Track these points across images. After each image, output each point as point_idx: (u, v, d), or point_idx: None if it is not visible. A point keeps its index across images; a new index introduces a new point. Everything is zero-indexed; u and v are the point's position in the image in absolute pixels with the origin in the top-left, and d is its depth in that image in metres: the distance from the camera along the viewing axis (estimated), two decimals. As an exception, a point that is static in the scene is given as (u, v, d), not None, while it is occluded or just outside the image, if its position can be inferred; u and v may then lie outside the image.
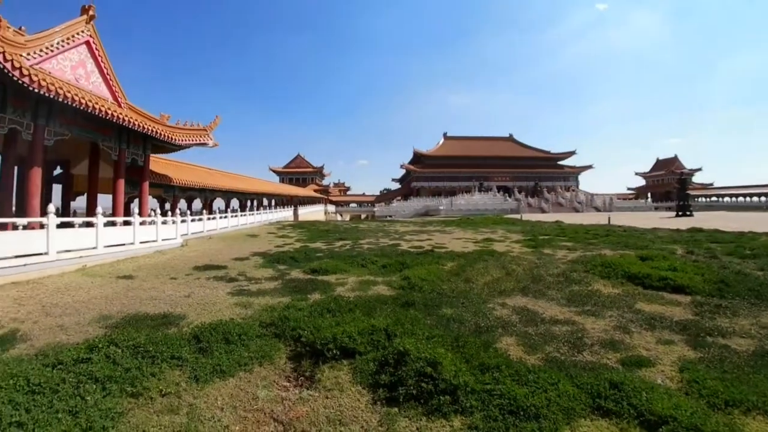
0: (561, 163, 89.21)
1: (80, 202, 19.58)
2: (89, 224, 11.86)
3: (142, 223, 14.09)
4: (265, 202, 43.02)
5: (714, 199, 75.68)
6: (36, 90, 9.78)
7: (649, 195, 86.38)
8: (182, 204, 25.90)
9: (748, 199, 69.72)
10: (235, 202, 33.79)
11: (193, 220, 19.70)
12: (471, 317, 6.03)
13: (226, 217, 24.62)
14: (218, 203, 31.73)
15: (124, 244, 12.87)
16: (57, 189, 19.40)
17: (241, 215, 27.49)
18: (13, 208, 13.02)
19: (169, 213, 17.53)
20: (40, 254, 9.53)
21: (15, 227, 9.62)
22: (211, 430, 3.24)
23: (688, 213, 41.83)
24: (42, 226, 9.95)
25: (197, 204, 28.59)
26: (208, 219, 21.81)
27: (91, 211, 14.85)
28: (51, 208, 10.07)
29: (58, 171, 19.25)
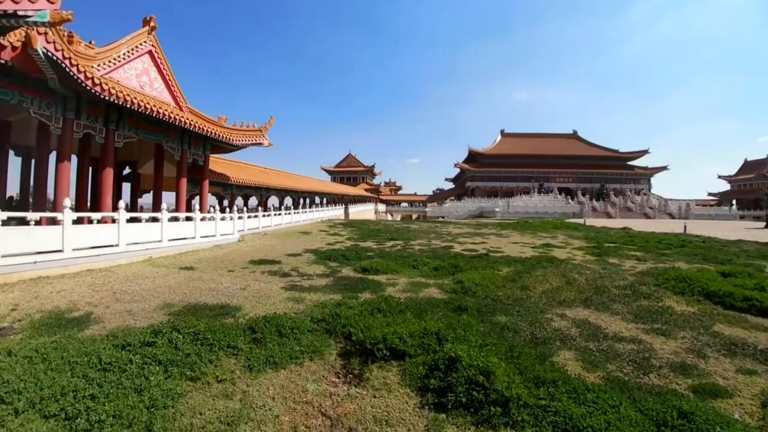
0: (631, 163, 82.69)
1: (146, 199, 21.33)
2: (155, 219, 12.84)
3: (202, 219, 15.05)
4: (317, 200, 44.28)
5: (816, 208, 66.40)
6: (106, 98, 10.84)
7: (734, 202, 77.63)
8: (239, 201, 27.35)
9: None
10: (288, 200, 35.10)
11: (249, 217, 20.79)
12: (527, 327, 5.79)
13: (280, 214, 25.69)
14: (272, 201, 33.13)
15: (186, 238, 13.86)
16: (126, 187, 21.19)
17: (294, 213, 28.59)
18: (89, 204, 14.53)
19: (227, 210, 18.60)
20: (112, 246, 10.56)
21: (90, 221, 10.71)
22: (262, 418, 3.38)
23: (781, 224, 36.99)
24: (113, 220, 10.98)
25: (253, 201, 30.08)
26: (263, 216, 22.87)
27: (156, 207, 16.03)
28: (121, 204, 11.09)
29: (126, 171, 21.08)
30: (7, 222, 8.30)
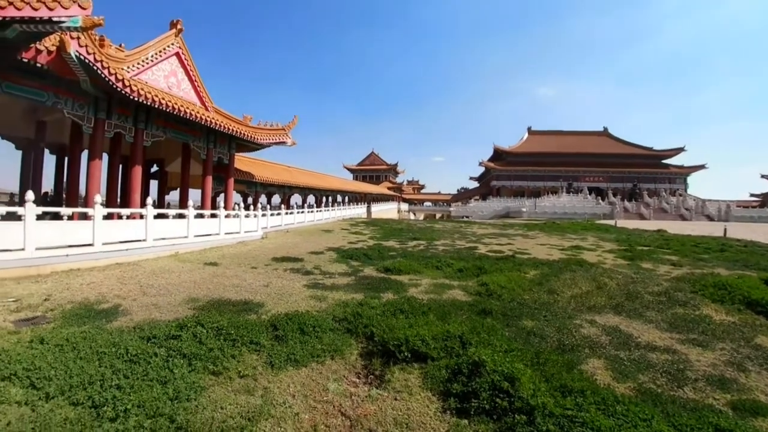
0: (666, 162, 79.15)
1: (173, 196, 22.06)
2: (181, 216, 13.18)
3: (227, 216, 15.36)
4: (339, 198, 44.43)
5: None
6: (136, 98, 11.20)
7: (777, 204, 73.23)
8: (262, 199, 27.85)
9: None
10: (311, 198, 35.35)
11: (272, 215, 21.07)
12: (554, 333, 5.59)
13: (302, 212, 26.02)
14: (295, 199, 33.54)
15: (210, 235, 14.15)
16: (153, 184, 22.03)
17: (317, 211, 28.87)
18: (118, 201, 15.08)
19: (251, 207, 18.94)
20: (140, 240, 10.88)
21: (120, 217, 11.11)
22: (283, 415, 3.39)
23: (832, 229, 34.61)
24: (142, 216, 11.30)
25: (276, 199, 30.56)
26: (286, 214, 23.19)
27: (183, 204, 16.54)
28: (149, 201, 11.43)
29: (154, 168, 21.82)
30: (42, 216, 8.70)
